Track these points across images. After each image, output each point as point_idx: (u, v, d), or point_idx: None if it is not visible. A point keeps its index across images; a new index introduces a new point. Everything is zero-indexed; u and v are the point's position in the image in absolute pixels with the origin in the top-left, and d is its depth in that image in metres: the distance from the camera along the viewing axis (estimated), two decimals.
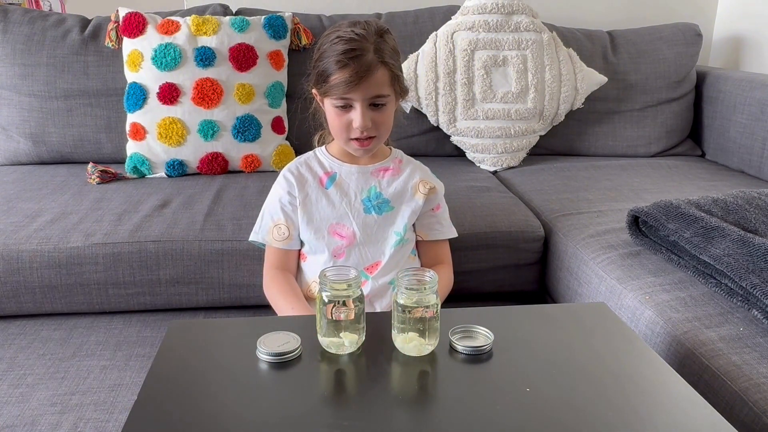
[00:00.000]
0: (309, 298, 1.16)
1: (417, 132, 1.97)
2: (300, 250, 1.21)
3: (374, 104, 1.09)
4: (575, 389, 0.75)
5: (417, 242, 1.24)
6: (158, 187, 1.62)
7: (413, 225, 1.22)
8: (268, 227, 1.19)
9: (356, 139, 1.11)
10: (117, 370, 1.23)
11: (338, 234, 1.17)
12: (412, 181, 1.21)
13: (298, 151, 1.77)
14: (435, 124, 1.93)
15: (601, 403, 0.73)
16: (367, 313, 0.83)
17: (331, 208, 1.17)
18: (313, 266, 1.18)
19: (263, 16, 1.83)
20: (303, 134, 1.85)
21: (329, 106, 1.11)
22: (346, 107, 1.09)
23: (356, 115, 1.08)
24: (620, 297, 1.17)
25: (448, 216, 1.27)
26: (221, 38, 1.75)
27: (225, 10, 1.92)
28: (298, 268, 1.21)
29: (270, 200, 1.21)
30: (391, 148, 1.26)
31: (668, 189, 1.66)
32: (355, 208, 1.18)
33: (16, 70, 1.80)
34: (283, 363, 0.79)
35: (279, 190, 1.20)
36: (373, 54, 1.06)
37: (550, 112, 1.92)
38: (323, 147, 1.23)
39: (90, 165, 1.70)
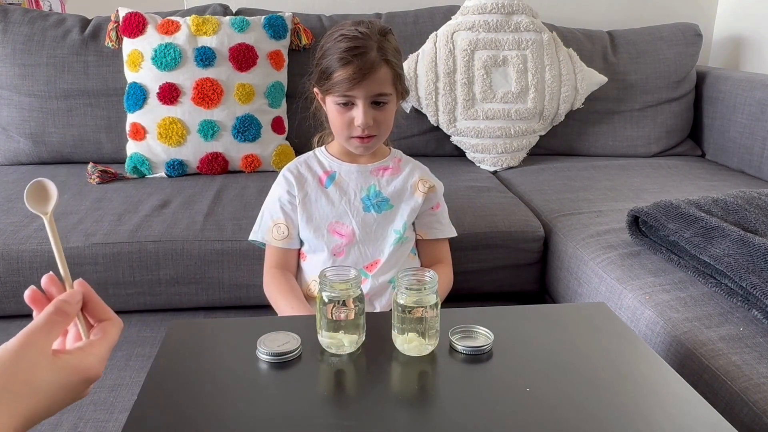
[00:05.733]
0: (309, 297, 1.16)
1: (417, 132, 1.97)
2: (300, 250, 1.21)
3: (376, 102, 1.09)
4: (575, 389, 0.75)
5: (417, 241, 1.24)
6: (158, 187, 1.62)
7: (413, 224, 1.22)
8: (267, 226, 1.19)
9: (357, 137, 1.12)
10: (117, 370, 1.23)
11: (338, 232, 1.17)
12: (411, 179, 1.21)
13: (298, 151, 1.77)
14: (435, 124, 1.93)
15: (601, 403, 0.73)
16: (367, 313, 0.83)
17: (330, 206, 1.17)
18: (312, 265, 1.18)
19: (263, 16, 1.83)
20: (303, 134, 1.84)
21: (331, 104, 1.11)
22: (348, 105, 1.09)
23: (358, 113, 1.08)
24: (620, 297, 1.17)
25: (447, 215, 1.27)
26: (221, 38, 1.75)
27: (225, 10, 1.92)
28: (298, 267, 1.21)
29: (269, 200, 1.21)
30: (390, 148, 1.26)
31: (668, 189, 1.66)
32: (354, 206, 1.18)
33: (16, 70, 1.80)
34: (283, 363, 0.79)
35: (278, 190, 1.20)
36: (376, 52, 1.07)
37: (550, 112, 1.92)
38: (323, 147, 1.23)
39: (90, 165, 1.70)
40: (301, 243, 1.20)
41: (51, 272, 0.60)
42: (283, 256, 1.19)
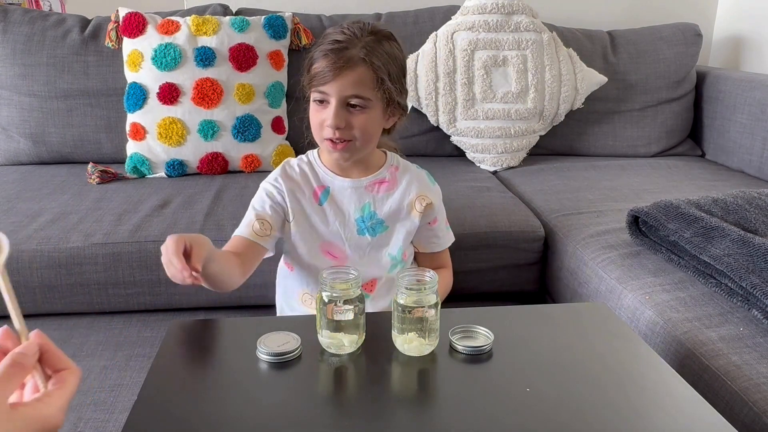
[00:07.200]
0: (304, 306, 1.13)
1: (417, 132, 1.97)
2: (284, 262, 1.16)
3: (351, 105, 1.01)
4: (575, 389, 0.75)
5: (415, 253, 1.21)
6: (158, 187, 1.62)
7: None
8: (250, 220, 1.09)
9: (329, 139, 1.03)
10: (117, 370, 1.23)
11: (330, 254, 1.11)
12: (408, 196, 1.12)
13: (298, 152, 1.77)
14: (435, 124, 1.93)
15: (601, 403, 0.73)
16: (367, 313, 0.83)
17: (324, 226, 1.10)
18: (302, 278, 1.13)
19: (263, 16, 1.83)
20: (303, 134, 1.84)
21: (311, 101, 1.05)
22: (323, 103, 1.02)
23: (329, 112, 1.01)
24: (620, 297, 1.17)
25: (444, 225, 1.20)
26: (221, 38, 1.75)
27: (225, 10, 1.92)
28: (277, 278, 1.17)
29: (258, 196, 1.12)
30: (386, 153, 1.16)
31: (668, 189, 1.66)
32: (348, 228, 1.10)
33: (16, 70, 1.80)
34: (283, 363, 0.79)
35: (270, 189, 1.11)
36: (358, 50, 1.00)
37: (550, 112, 1.92)
38: (316, 152, 1.14)
39: (90, 165, 1.71)
40: (280, 250, 1.14)
41: (6, 326, 0.59)
42: (247, 248, 1.05)
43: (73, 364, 0.58)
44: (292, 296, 1.15)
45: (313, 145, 1.14)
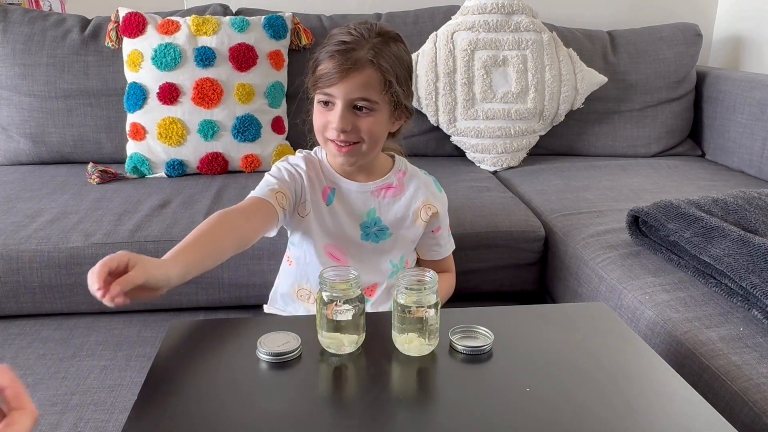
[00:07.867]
0: (299, 300, 1.13)
1: (417, 132, 1.97)
2: (287, 256, 1.16)
3: (358, 107, 0.99)
4: (575, 389, 0.75)
5: (418, 258, 1.21)
6: (158, 187, 1.62)
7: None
8: (269, 183, 1.05)
9: (333, 140, 1.01)
10: (117, 370, 1.23)
11: (332, 255, 1.11)
12: (414, 204, 1.12)
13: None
14: (435, 124, 1.93)
15: (600, 403, 0.73)
16: (367, 313, 0.83)
17: (329, 227, 1.09)
18: (301, 272, 1.13)
19: (263, 16, 1.83)
20: (303, 134, 1.85)
21: (315, 102, 1.03)
22: (329, 105, 1.00)
23: (334, 115, 0.99)
24: (620, 297, 1.17)
25: (447, 233, 1.20)
26: (221, 38, 1.75)
27: (225, 10, 1.92)
28: (279, 272, 1.17)
29: (277, 172, 1.08)
30: (394, 157, 1.15)
31: (668, 189, 1.66)
32: (352, 233, 1.10)
33: (16, 70, 1.80)
34: (283, 363, 0.79)
35: (293, 171, 1.08)
36: (365, 51, 0.98)
37: (550, 112, 1.92)
38: (324, 151, 1.12)
39: (90, 165, 1.71)
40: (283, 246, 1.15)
41: None
42: (261, 207, 1.01)
43: (29, 405, 0.54)
44: (288, 290, 1.15)
45: (316, 146, 1.13)
